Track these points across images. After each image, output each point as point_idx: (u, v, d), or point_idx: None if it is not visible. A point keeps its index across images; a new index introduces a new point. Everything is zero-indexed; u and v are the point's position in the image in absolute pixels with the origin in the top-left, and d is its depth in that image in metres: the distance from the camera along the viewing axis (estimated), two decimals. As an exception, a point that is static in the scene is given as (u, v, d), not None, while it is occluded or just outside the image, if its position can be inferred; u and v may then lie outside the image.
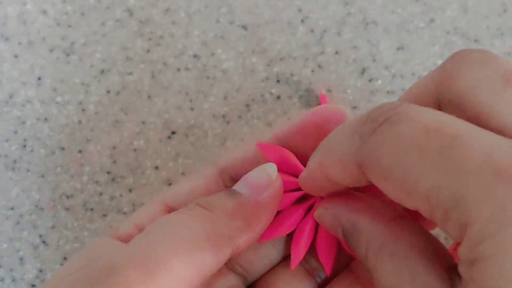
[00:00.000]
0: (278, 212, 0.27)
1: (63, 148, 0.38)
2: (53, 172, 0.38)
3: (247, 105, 0.38)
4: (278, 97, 0.38)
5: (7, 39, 0.39)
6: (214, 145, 0.38)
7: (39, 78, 0.38)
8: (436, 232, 0.34)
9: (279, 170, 0.27)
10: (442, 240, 0.35)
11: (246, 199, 0.26)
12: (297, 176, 0.26)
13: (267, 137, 0.28)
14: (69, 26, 0.39)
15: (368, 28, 0.39)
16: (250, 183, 0.26)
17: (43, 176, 0.38)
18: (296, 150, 0.28)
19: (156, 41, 0.39)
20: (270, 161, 0.27)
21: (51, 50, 0.39)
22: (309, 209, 0.27)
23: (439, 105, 0.23)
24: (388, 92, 0.38)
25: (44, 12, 0.39)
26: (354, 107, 0.38)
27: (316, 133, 0.27)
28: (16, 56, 0.39)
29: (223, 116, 0.38)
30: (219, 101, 0.38)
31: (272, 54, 0.39)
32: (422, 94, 0.24)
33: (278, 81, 0.38)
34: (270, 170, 0.26)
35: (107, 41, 0.39)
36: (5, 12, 0.39)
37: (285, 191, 0.27)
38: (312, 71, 0.39)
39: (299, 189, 0.27)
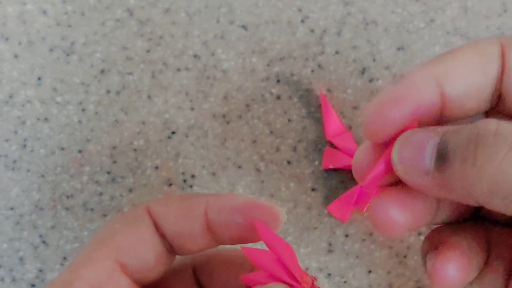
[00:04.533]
0: None
1: (63, 148, 0.38)
2: (53, 172, 0.38)
3: (247, 105, 0.38)
4: (278, 97, 0.38)
5: (7, 39, 0.39)
6: (214, 145, 0.38)
7: (39, 78, 0.38)
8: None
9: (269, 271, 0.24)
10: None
11: None
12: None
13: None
14: (69, 26, 0.39)
15: (368, 28, 0.39)
16: None
17: (43, 176, 0.38)
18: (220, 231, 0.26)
19: (156, 41, 0.39)
20: (260, 267, 0.25)
21: (51, 50, 0.39)
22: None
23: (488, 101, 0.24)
24: (388, 92, 0.38)
25: (44, 12, 0.39)
26: (354, 107, 0.38)
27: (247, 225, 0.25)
28: (16, 56, 0.39)
29: (223, 116, 0.38)
30: (219, 101, 0.38)
31: (272, 54, 0.39)
32: (427, 89, 0.24)
33: (278, 81, 0.38)
34: None
35: (107, 41, 0.39)
36: (5, 12, 0.39)
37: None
38: (312, 71, 0.39)
39: None
